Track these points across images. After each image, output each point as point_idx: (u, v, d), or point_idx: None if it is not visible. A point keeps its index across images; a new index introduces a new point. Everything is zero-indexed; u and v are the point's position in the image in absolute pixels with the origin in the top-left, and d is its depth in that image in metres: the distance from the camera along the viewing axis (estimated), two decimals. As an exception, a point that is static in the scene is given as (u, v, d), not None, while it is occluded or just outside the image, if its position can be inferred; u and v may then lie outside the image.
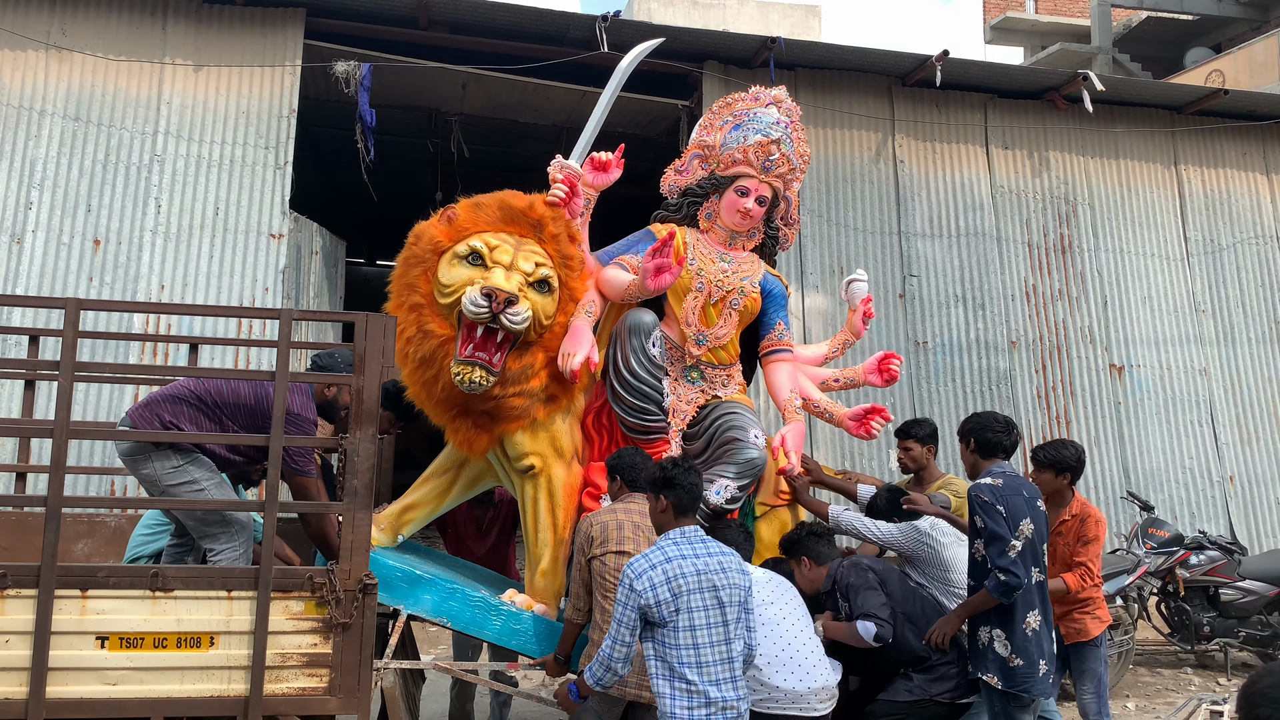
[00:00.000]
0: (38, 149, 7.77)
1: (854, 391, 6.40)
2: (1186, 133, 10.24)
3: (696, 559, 3.46)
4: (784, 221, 5.33)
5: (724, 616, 3.44)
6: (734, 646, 3.47)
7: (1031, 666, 3.98)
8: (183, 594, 3.61)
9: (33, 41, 7.87)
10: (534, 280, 4.40)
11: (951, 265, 9.35)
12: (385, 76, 8.37)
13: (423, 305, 4.42)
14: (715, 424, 4.79)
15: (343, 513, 3.84)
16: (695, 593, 3.40)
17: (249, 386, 4.24)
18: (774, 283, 5.14)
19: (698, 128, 5.25)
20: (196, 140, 8.00)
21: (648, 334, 4.64)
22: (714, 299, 4.91)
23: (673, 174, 5.23)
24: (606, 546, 3.99)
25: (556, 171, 4.67)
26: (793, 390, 4.96)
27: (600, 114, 5.35)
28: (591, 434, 4.82)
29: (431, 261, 4.44)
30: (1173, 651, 7.66)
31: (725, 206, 5.01)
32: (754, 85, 5.19)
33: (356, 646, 3.76)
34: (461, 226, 4.46)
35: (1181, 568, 7.11)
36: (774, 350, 5.10)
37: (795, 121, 5.15)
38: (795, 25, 21.57)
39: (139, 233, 7.78)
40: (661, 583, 3.37)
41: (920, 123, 9.54)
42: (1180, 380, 9.67)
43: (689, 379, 4.95)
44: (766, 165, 4.95)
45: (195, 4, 8.14)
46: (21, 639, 3.45)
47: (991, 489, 4.06)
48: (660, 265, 4.48)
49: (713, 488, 4.52)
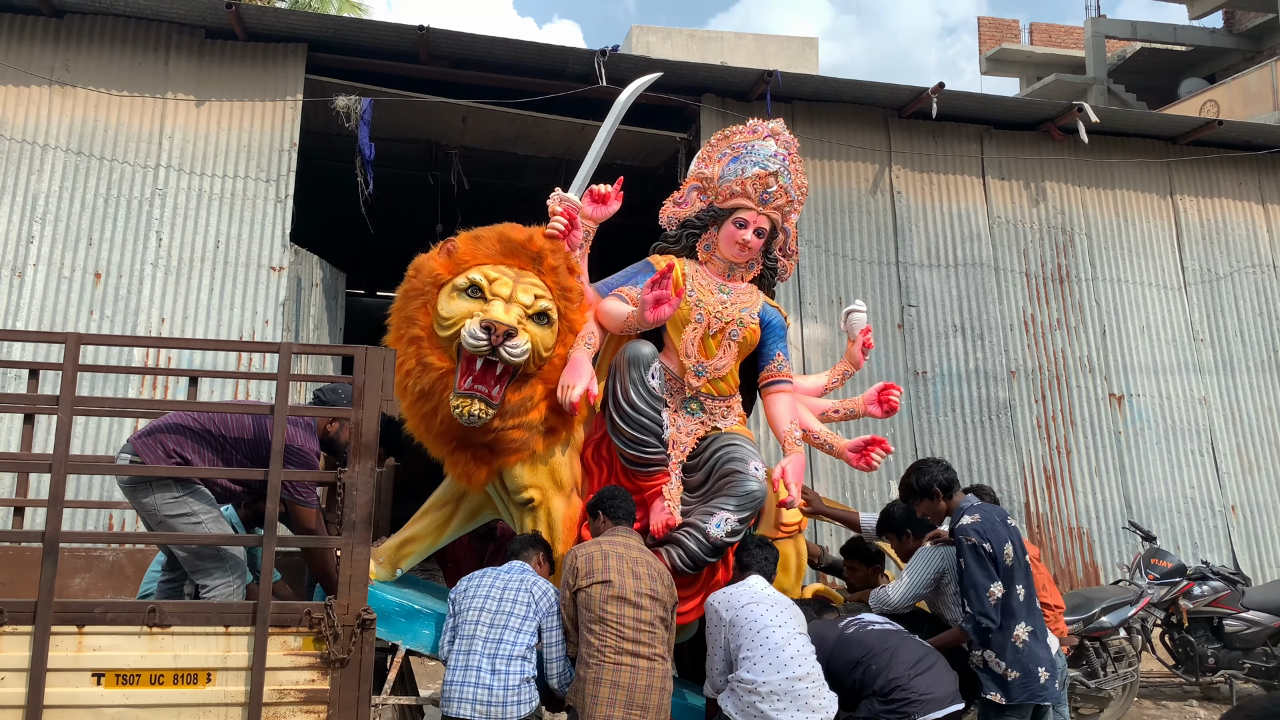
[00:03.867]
0: (40, 183, 7.81)
1: (855, 422, 6.39)
2: (1182, 163, 10.30)
3: (505, 571, 4.16)
4: (782, 253, 5.33)
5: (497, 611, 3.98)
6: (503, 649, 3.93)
7: (1028, 676, 4.06)
8: (180, 630, 3.59)
9: (36, 77, 7.95)
10: (533, 313, 4.39)
11: (950, 295, 9.38)
12: (386, 110, 8.44)
13: (422, 338, 4.41)
14: (715, 456, 4.76)
15: (341, 547, 3.83)
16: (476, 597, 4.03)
17: (252, 418, 4.26)
18: (773, 314, 5.13)
19: (696, 160, 5.26)
20: (198, 174, 8.05)
21: (647, 366, 4.62)
22: (713, 330, 4.91)
23: (671, 206, 5.23)
24: (592, 578, 4.00)
25: (556, 204, 4.68)
26: (793, 422, 4.92)
27: (599, 147, 5.39)
28: (591, 466, 4.80)
29: (431, 294, 4.43)
30: (1177, 683, 7.60)
31: (724, 238, 5.01)
32: (751, 118, 5.22)
33: (355, 683, 3.72)
34: (461, 259, 4.46)
35: (1185, 599, 7.06)
36: (773, 381, 5.07)
37: (793, 153, 5.17)
38: (793, 57, 21.79)
39: (140, 266, 7.81)
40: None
41: (917, 154, 9.61)
42: (1180, 409, 9.67)
43: (688, 410, 4.93)
44: (764, 197, 4.96)
45: (197, 39, 8.22)
46: (17, 676, 3.42)
47: (976, 529, 4.14)
48: (659, 297, 4.48)
49: (713, 520, 4.49)
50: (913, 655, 4.10)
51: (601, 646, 3.89)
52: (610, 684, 3.84)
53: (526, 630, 3.99)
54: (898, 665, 4.04)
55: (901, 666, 4.03)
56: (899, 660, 4.06)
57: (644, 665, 3.90)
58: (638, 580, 4.02)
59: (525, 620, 4.00)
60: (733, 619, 4.06)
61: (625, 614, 3.93)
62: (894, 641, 4.16)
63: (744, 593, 4.18)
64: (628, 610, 3.94)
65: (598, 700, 3.82)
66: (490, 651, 3.92)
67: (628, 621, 3.93)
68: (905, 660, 4.06)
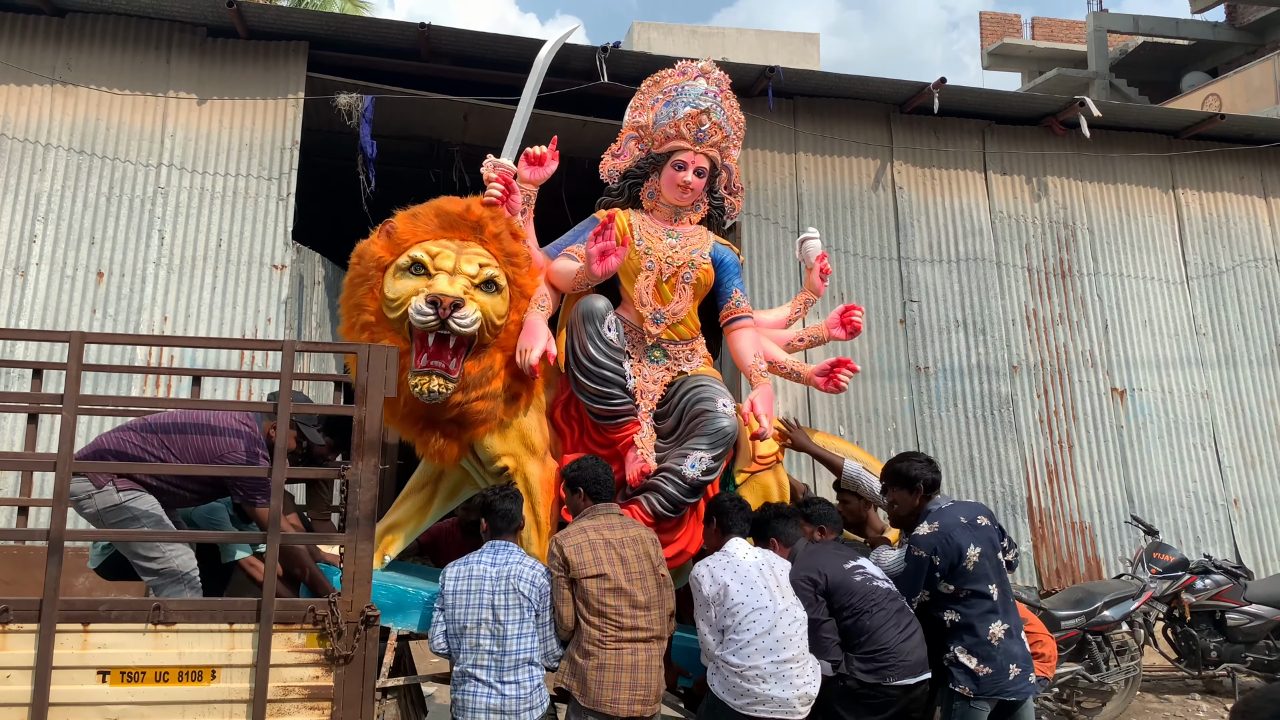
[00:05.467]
0: (42, 182, 7.83)
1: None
2: (1184, 157, 10.29)
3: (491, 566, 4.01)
4: (728, 190, 5.32)
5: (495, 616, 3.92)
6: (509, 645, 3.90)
7: (1000, 672, 4.07)
8: (184, 627, 3.61)
9: (38, 76, 7.95)
10: (480, 281, 4.36)
11: (952, 290, 9.38)
12: (387, 108, 8.44)
13: (373, 323, 4.41)
14: (684, 399, 4.76)
15: (344, 543, 3.84)
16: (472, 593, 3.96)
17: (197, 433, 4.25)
18: (724, 252, 5.11)
19: (629, 109, 5.24)
20: (200, 172, 8.06)
21: (601, 319, 4.62)
22: (665, 276, 4.90)
23: (610, 158, 5.23)
24: (584, 570, 3.97)
25: (490, 171, 4.70)
26: (756, 355, 4.95)
27: (525, 109, 5.33)
28: (562, 426, 4.81)
29: (376, 278, 4.43)
30: (1180, 677, 7.61)
31: (665, 183, 5.01)
32: (754, 113, 5.23)
33: (359, 679, 3.74)
34: (401, 239, 4.45)
35: (1187, 592, 7.07)
36: (734, 318, 5.08)
37: (725, 90, 5.15)
38: (794, 53, 21.79)
39: (142, 265, 7.82)
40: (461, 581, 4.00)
41: (919, 149, 9.60)
42: (1182, 403, 9.66)
43: (652, 359, 4.92)
44: (699, 136, 4.95)
45: (199, 37, 8.23)
46: (23, 674, 3.44)
47: (929, 541, 4.14)
48: (604, 249, 4.51)
49: (687, 461, 4.51)
50: (900, 621, 4.15)
51: (603, 637, 3.92)
52: (614, 668, 3.88)
53: (527, 633, 3.96)
54: (889, 630, 4.10)
55: (891, 631, 4.10)
56: (890, 625, 4.11)
57: (642, 647, 3.94)
58: (626, 565, 4.02)
59: (524, 623, 3.97)
60: (717, 594, 4.03)
61: (622, 604, 3.96)
62: (890, 604, 4.18)
63: (728, 565, 4.12)
64: (624, 600, 3.97)
65: (602, 685, 3.85)
66: (496, 664, 3.89)
67: (625, 610, 3.96)
68: (895, 625, 4.12)
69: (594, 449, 4.74)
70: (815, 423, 8.71)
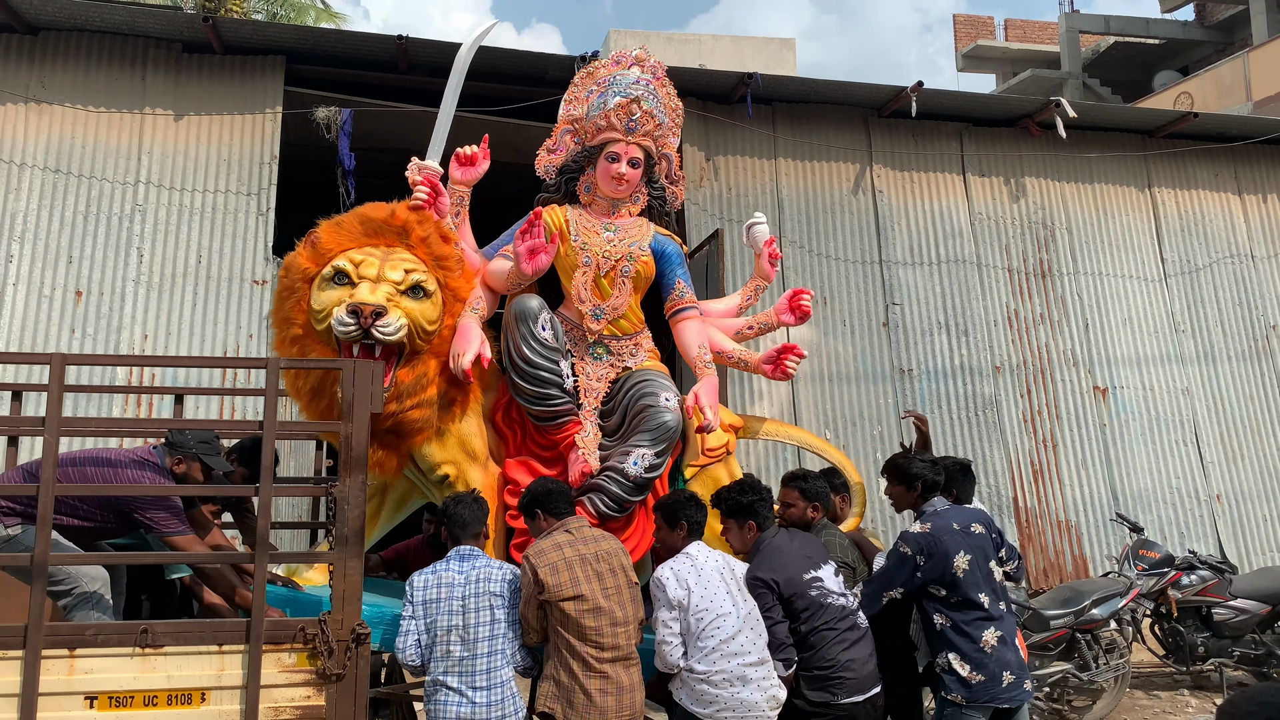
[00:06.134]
0: (18, 202, 7.75)
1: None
2: (1159, 156, 10.40)
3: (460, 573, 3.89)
4: (668, 179, 5.22)
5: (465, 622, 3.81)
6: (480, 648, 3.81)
7: (992, 679, 4.04)
8: (172, 650, 3.56)
9: (11, 95, 7.88)
10: (406, 288, 4.27)
11: (933, 292, 9.43)
12: (366, 120, 8.42)
13: (302, 336, 4.35)
14: (627, 395, 4.68)
15: (333, 561, 3.81)
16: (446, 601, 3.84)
17: (93, 465, 4.23)
18: (665, 242, 5.00)
19: (564, 102, 5.16)
20: (178, 189, 8.00)
21: (534, 318, 4.54)
22: (604, 270, 4.81)
23: (545, 154, 5.13)
24: (561, 592, 3.82)
25: (415, 174, 4.60)
26: (701, 345, 4.84)
27: (448, 109, 5.17)
28: (503, 430, 4.73)
29: (303, 290, 4.35)
30: (1168, 673, 7.64)
31: (600, 175, 4.91)
32: (733, 120, 5.20)
33: (351, 697, 3.70)
34: (325, 249, 4.37)
35: (1173, 588, 7.10)
36: (678, 310, 4.95)
37: (661, 77, 5.07)
38: (770, 59, 21.87)
39: (121, 283, 7.75)
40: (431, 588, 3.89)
41: (897, 153, 9.66)
42: (1164, 400, 9.75)
43: (594, 356, 4.84)
44: (630, 126, 4.85)
45: (175, 53, 8.18)
46: (8, 701, 3.38)
47: (916, 540, 4.13)
48: (532, 246, 4.43)
49: (629, 459, 4.44)
50: (849, 637, 4.08)
51: (585, 657, 3.81)
52: (599, 691, 3.78)
53: (499, 636, 3.86)
54: (834, 646, 4.03)
55: (837, 647, 4.02)
56: (836, 641, 4.04)
57: (622, 666, 3.85)
58: (602, 580, 3.90)
59: (495, 625, 3.86)
60: (682, 600, 3.95)
61: (603, 624, 3.84)
62: (839, 623, 4.09)
63: (691, 568, 4.05)
64: (604, 619, 3.85)
65: (591, 708, 3.76)
66: (467, 671, 3.79)
67: (605, 629, 3.84)
68: (842, 641, 4.04)
69: (536, 451, 4.66)
70: (800, 426, 8.74)
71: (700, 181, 9.02)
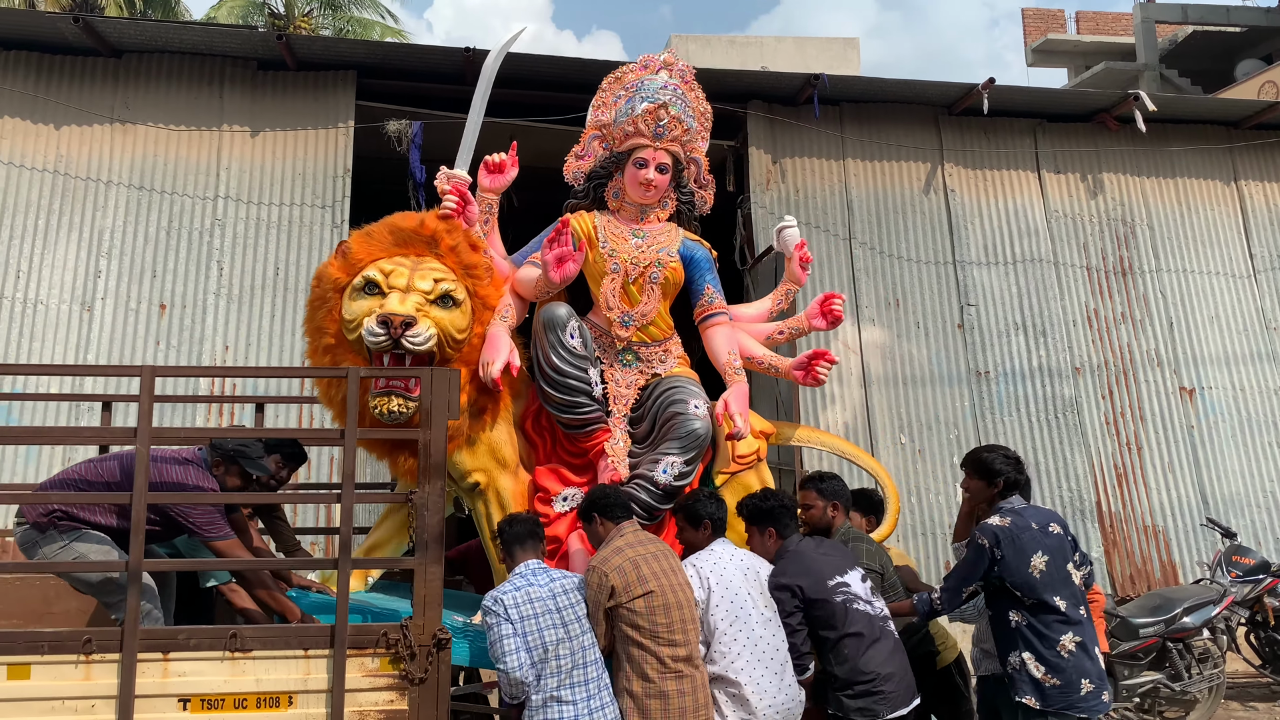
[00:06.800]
0: (104, 219, 8.02)
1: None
2: (1245, 147, 10.03)
3: (543, 586, 3.84)
4: (697, 184, 5.18)
5: (568, 633, 3.76)
6: (587, 656, 3.77)
7: (1070, 686, 3.88)
8: (260, 654, 3.63)
9: (97, 116, 8.17)
10: (435, 297, 4.28)
11: (1009, 293, 9.22)
12: (434, 132, 8.53)
13: (335, 346, 4.39)
14: (656, 402, 4.64)
15: (415, 567, 3.85)
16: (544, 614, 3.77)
17: (114, 467, 4.25)
18: (694, 248, 4.96)
19: (591, 108, 5.12)
20: (255, 203, 8.21)
21: (563, 326, 4.52)
22: (632, 277, 4.78)
23: (574, 160, 5.12)
24: (632, 591, 3.80)
25: (444, 183, 4.61)
26: (731, 352, 4.79)
27: (476, 117, 5.16)
28: (533, 438, 4.72)
29: (335, 301, 4.38)
30: (1265, 684, 7.35)
31: (628, 181, 4.89)
32: (800, 122, 5.14)
33: (433, 701, 3.74)
34: (356, 259, 4.40)
35: (1270, 596, 6.84)
36: (708, 315, 4.91)
37: (690, 81, 5.01)
38: (833, 59, 21.68)
39: (203, 295, 7.97)
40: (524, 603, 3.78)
41: (969, 151, 9.48)
42: (1255, 400, 9.38)
43: (624, 363, 4.81)
44: (658, 131, 4.81)
45: (250, 71, 8.40)
46: (106, 704, 3.48)
47: (995, 532, 4.00)
48: (560, 255, 4.41)
49: (659, 467, 4.40)
50: (884, 648, 4.00)
51: (661, 657, 3.76)
52: (677, 693, 3.75)
53: (593, 647, 3.84)
54: (873, 659, 3.94)
55: (876, 659, 3.94)
56: (873, 652, 3.96)
57: (695, 665, 3.80)
58: (668, 576, 3.87)
59: (587, 635, 3.84)
60: (701, 600, 3.92)
61: (674, 620, 3.81)
62: (869, 630, 4.00)
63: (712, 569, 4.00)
64: (675, 616, 3.81)
65: (668, 711, 3.72)
66: (579, 680, 3.76)
67: (677, 625, 3.80)
68: (878, 652, 3.96)
69: (566, 459, 4.65)
70: (875, 431, 8.60)
71: (768, 184, 8.95)
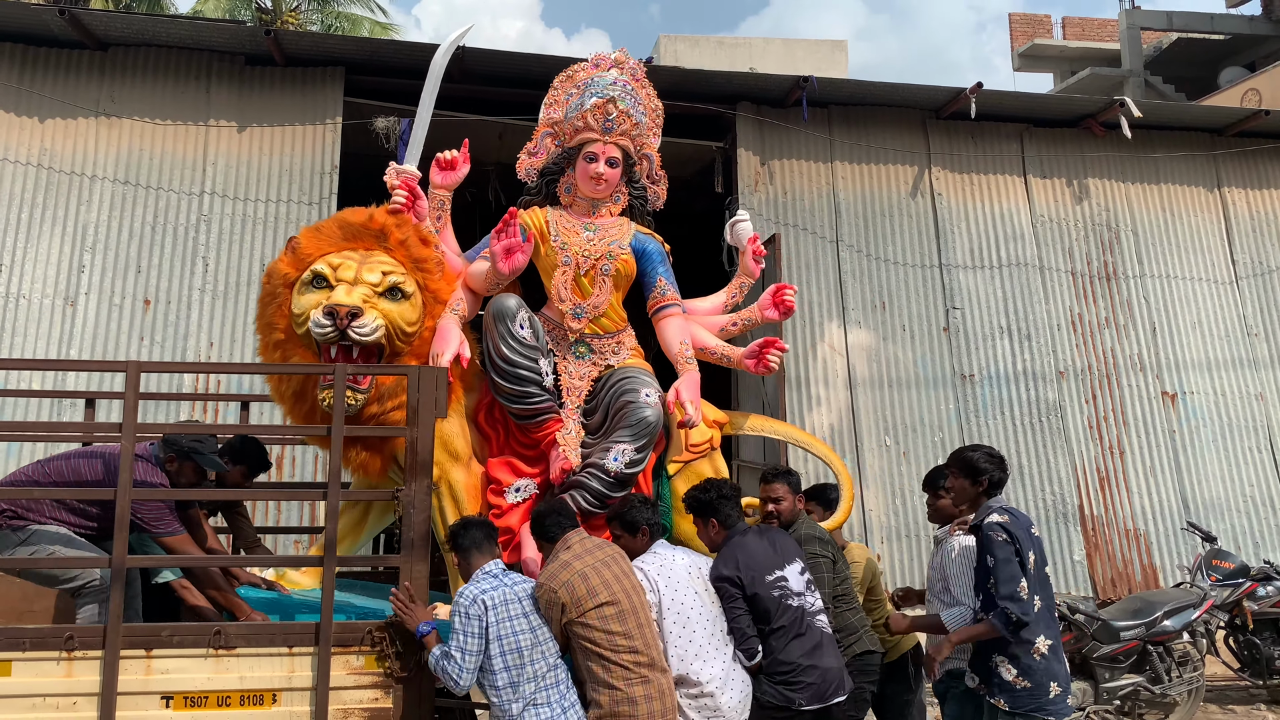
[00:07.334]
0: (89, 213, 7.96)
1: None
2: (1229, 154, 10.12)
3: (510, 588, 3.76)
4: (649, 179, 5.26)
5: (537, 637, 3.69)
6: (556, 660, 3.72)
7: (1039, 689, 3.94)
8: (245, 651, 3.63)
9: (82, 109, 8.11)
10: (383, 289, 4.31)
11: (995, 297, 9.27)
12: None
13: (284, 341, 4.42)
14: (609, 393, 4.70)
15: (400, 565, 3.84)
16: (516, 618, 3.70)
17: (89, 466, 4.22)
18: (646, 241, 5.04)
19: (544, 106, 5.20)
20: (241, 199, 8.16)
21: (512, 317, 4.58)
22: (584, 270, 4.86)
23: (526, 157, 5.19)
24: (595, 599, 3.72)
25: (393, 178, 4.67)
26: (683, 341, 4.87)
27: (425, 112, 5.21)
28: (486, 430, 4.75)
29: (284, 295, 4.43)
30: (1244, 687, 7.40)
31: (579, 176, 4.96)
32: (788, 124, 5.17)
33: (417, 699, 3.74)
34: (305, 254, 4.44)
35: (1249, 600, 6.89)
36: (660, 308, 5.00)
37: (640, 78, 5.10)
38: (821, 61, 21.74)
39: (187, 292, 7.92)
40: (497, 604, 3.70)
41: (956, 155, 9.52)
42: (1236, 405, 9.47)
43: (577, 355, 4.87)
44: (607, 125, 4.90)
45: (238, 66, 8.35)
46: (88, 700, 3.47)
47: (1006, 526, 4.04)
48: (509, 245, 4.48)
49: (610, 455, 4.45)
50: (808, 642, 4.05)
51: (624, 664, 3.69)
52: (644, 698, 3.69)
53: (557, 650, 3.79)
54: (793, 650, 4.00)
55: (796, 650, 4.00)
56: (795, 644, 4.01)
57: (659, 670, 3.75)
58: (620, 582, 3.83)
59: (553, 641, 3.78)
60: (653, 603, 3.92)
61: (631, 627, 3.74)
62: (794, 625, 4.05)
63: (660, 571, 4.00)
64: (631, 622, 3.75)
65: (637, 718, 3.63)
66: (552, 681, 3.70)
67: (635, 632, 3.74)
68: (801, 645, 4.02)
69: (519, 450, 4.68)
70: (860, 434, 8.64)
71: (755, 185, 8.97)
